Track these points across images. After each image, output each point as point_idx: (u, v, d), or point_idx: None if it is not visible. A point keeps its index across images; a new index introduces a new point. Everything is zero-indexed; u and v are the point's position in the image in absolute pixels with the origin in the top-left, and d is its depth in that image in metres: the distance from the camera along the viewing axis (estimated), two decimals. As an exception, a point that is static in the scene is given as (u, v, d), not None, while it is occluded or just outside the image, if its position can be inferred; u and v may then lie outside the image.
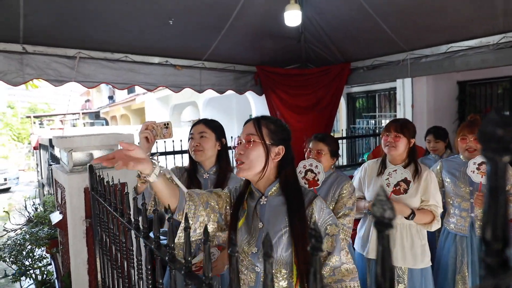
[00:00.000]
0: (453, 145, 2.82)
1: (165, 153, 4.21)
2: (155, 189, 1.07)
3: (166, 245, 0.91)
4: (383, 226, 0.33)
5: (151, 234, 1.04)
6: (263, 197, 1.22)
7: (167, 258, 0.90)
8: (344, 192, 2.04)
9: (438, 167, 2.53)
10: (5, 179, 11.78)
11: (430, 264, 2.12)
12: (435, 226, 2.05)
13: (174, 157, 4.27)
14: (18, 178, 12.57)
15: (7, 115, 26.93)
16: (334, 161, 2.17)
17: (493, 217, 0.27)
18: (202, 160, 1.84)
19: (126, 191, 1.29)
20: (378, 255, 0.34)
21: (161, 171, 1.05)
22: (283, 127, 1.25)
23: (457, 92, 5.63)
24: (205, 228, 0.69)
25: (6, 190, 11.81)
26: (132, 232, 1.17)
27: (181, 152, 4.05)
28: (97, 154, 2.33)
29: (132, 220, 1.17)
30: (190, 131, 1.87)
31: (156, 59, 3.55)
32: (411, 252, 2.07)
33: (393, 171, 2.01)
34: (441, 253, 2.49)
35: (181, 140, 3.71)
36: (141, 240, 1.08)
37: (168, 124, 1.55)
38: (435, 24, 3.13)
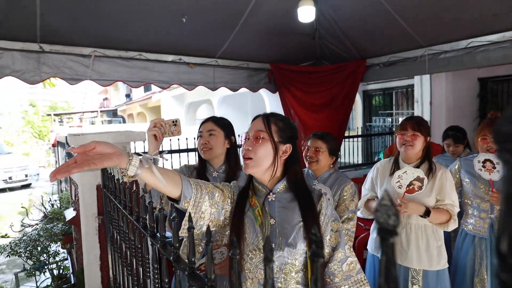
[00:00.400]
0: (473, 144, 2.72)
1: (179, 151, 4.24)
2: (145, 181, 0.98)
3: (172, 245, 0.89)
4: (387, 233, 0.30)
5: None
6: (271, 193, 1.20)
7: (171, 258, 0.89)
8: (345, 194, 1.98)
9: (456, 166, 2.45)
10: (26, 176, 12.08)
11: (447, 266, 2.05)
12: (452, 226, 1.98)
13: (188, 155, 4.29)
14: (38, 174, 12.88)
15: (29, 113, 27.62)
16: (332, 159, 2.12)
17: (509, 227, 0.24)
18: (210, 158, 1.83)
19: (134, 189, 1.29)
20: (381, 265, 0.31)
21: (143, 161, 0.94)
22: (291, 125, 1.24)
23: (478, 89, 5.45)
24: (208, 229, 0.67)
25: (27, 186, 12.13)
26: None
27: (195, 150, 4.07)
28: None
29: (140, 218, 1.17)
30: (199, 129, 1.86)
31: (169, 57, 3.56)
32: (426, 254, 2.00)
33: (403, 173, 1.95)
34: (459, 254, 2.41)
35: (194, 138, 3.73)
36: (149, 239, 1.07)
37: (176, 121, 1.53)
38: (454, 19, 3.02)
